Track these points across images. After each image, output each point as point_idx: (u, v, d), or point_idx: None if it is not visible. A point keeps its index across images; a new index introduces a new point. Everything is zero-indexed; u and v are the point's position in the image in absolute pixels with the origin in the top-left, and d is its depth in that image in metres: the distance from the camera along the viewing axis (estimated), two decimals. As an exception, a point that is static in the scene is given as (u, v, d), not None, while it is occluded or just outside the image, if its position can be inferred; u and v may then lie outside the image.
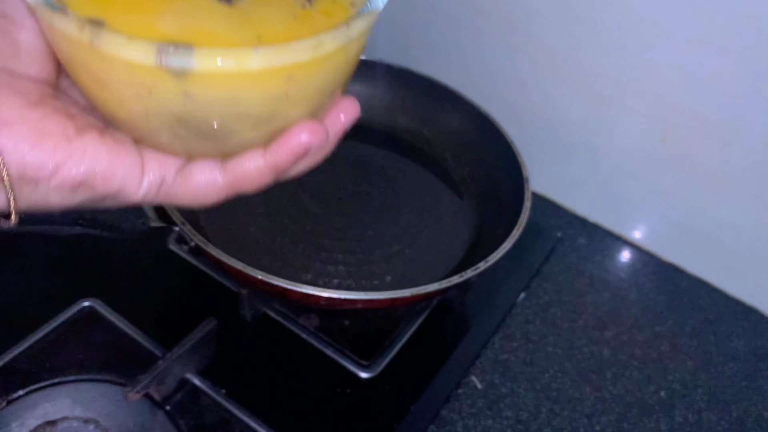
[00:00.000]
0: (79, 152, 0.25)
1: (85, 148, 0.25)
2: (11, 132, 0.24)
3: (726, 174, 0.64)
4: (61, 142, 0.24)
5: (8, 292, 0.56)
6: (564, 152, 0.74)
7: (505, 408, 0.56)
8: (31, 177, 0.24)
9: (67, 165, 0.25)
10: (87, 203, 0.26)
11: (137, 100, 0.23)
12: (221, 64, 0.21)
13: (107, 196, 0.26)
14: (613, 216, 0.75)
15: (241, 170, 0.27)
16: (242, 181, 0.27)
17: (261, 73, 0.22)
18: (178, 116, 0.24)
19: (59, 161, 0.24)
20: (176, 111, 0.23)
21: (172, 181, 0.27)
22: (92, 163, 0.25)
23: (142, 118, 0.24)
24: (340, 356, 0.55)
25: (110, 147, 0.26)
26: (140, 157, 0.26)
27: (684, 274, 0.72)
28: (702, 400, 0.60)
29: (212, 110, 0.24)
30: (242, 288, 0.54)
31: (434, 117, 0.72)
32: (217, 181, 0.27)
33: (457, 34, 0.75)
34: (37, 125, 0.24)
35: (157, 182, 0.27)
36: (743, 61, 0.58)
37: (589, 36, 0.65)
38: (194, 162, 0.27)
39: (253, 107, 0.24)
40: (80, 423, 0.47)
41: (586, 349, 0.62)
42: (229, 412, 0.50)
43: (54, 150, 0.24)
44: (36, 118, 0.24)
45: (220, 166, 0.27)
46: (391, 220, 0.64)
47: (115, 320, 0.54)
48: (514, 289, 0.66)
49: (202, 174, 0.27)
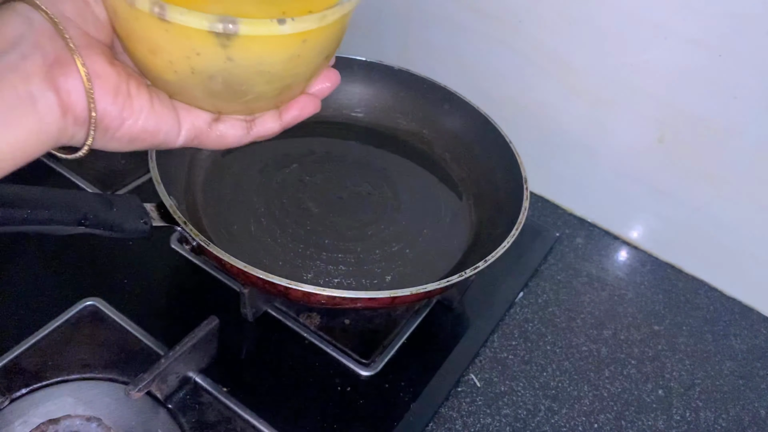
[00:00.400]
0: (137, 111, 0.31)
1: (141, 107, 0.31)
2: (100, 84, 0.29)
3: (723, 174, 0.65)
4: (128, 99, 0.31)
5: (12, 291, 0.56)
6: (562, 153, 0.75)
7: (503, 406, 0.56)
8: (106, 125, 0.30)
9: (129, 121, 0.31)
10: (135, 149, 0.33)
11: (186, 62, 0.30)
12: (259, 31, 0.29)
13: (152, 146, 0.33)
14: (610, 216, 0.76)
15: (262, 129, 0.36)
16: (261, 136, 0.37)
17: (286, 37, 0.30)
18: (216, 75, 0.31)
19: (126, 116, 0.31)
20: (216, 70, 0.30)
21: (205, 133, 0.34)
22: (145, 121, 0.31)
23: (187, 78, 0.31)
24: (341, 355, 0.56)
25: (156, 107, 0.32)
26: (177, 114, 0.33)
27: (681, 274, 0.73)
28: (699, 399, 0.60)
29: (243, 69, 0.31)
30: (244, 287, 0.54)
31: (434, 118, 0.72)
32: (243, 136, 0.36)
33: (457, 35, 0.75)
34: (115, 81, 0.30)
35: (192, 135, 0.34)
36: (740, 62, 0.58)
37: (587, 38, 0.66)
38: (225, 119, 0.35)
39: (274, 66, 0.31)
40: (83, 421, 0.47)
41: (584, 348, 0.63)
42: (231, 410, 0.51)
43: (124, 105, 0.30)
44: (114, 75, 0.30)
45: (246, 125, 0.36)
46: (391, 220, 0.64)
47: (118, 319, 0.55)
48: (512, 289, 0.66)
49: (233, 130, 0.35)
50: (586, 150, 0.73)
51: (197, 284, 0.60)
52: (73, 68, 0.29)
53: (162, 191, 0.51)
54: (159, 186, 0.51)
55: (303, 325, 0.58)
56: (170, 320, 0.57)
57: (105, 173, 0.69)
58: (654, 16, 0.60)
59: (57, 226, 0.44)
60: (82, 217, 0.45)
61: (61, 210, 0.44)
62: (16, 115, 0.27)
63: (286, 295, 0.50)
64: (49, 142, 0.29)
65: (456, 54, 0.77)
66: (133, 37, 0.31)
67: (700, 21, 0.58)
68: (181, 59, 0.30)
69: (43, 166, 0.67)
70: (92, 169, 0.69)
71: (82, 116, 0.30)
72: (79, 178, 0.67)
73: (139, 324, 0.55)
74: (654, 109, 0.65)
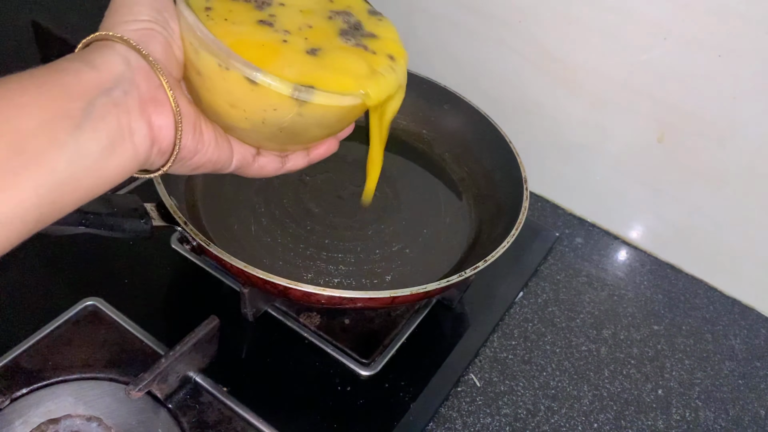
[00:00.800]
0: (206, 144, 0.37)
1: (209, 142, 0.37)
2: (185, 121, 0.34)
3: (722, 174, 0.65)
4: (201, 135, 0.36)
5: (12, 291, 0.56)
6: (562, 153, 0.75)
7: (503, 406, 0.56)
8: (182, 156, 0.35)
9: (200, 153, 0.36)
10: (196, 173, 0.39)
11: (261, 114, 0.36)
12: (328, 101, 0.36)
13: (209, 171, 0.39)
14: (610, 216, 0.76)
15: (293, 164, 0.44)
16: (290, 170, 0.44)
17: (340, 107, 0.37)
18: (285, 126, 0.37)
19: (198, 149, 0.36)
20: (285, 123, 0.36)
21: (249, 164, 0.41)
22: (211, 154, 0.37)
23: (257, 126, 0.37)
24: (341, 354, 0.56)
25: (219, 142, 0.38)
26: (231, 147, 0.39)
27: (681, 273, 0.73)
28: (699, 398, 0.60)
29: (306, 123, 0.37)
30: (244, 287, 0.54)
31: (433, 118, 0.72)
32: (279, 168, 0.43)
33: (456, 36, 0.75)
34: (194, 119, 0.35)
35: (239, 165, 0.40)
36: (739, 62, 0.58)
37: (586, 38, 0.66)
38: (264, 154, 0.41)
39: (331, 120, 0.39)
40: (83, 421, 0.47)
41: (584, 348, 0.63)
42: (231, 409, 0.51)
43: (198, 140, 0.36)
44: (193, 114, 0.35)
45: (281, 159, 0.43)
46: (391, 220, 0.64)
47: (118, 319, 0.55)
48: (512, 288, 0.66)
49: (272, 164, 0.42)
50: (586, 150, 0.73)
51: (197, 284, 0.60)
52: (166, 107, 0.33)
53: (162, 191, 0.51)
54: (159, 186, 0.51)
55: (303, 325, 0.58)
56: (170, 320, 0.57)
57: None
58: (654, 16, 0.60)
59: (57, 226, 0.44)
60: (82, 217, 0.45)
61: (61, 210, 0.44)
62: (120, 145, 0.31)
63: (286, 295, 0.50)
64: (136, 168, 0.33)
65: (456, 54, 0.77)
66: (215, 91, 0.35)
67: (700, 21, 0.58)
68: (258, 112, 0.35)
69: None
70: (92, 169, 0.69)
71: (166, 148, 0.34)
72: (79, 178, 0.67)
73: (139, 324, 0.55)
74: (654, 109, 0.65)
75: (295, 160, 0.44)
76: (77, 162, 0.30)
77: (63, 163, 0.29)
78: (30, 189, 0.28)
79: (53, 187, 0.29)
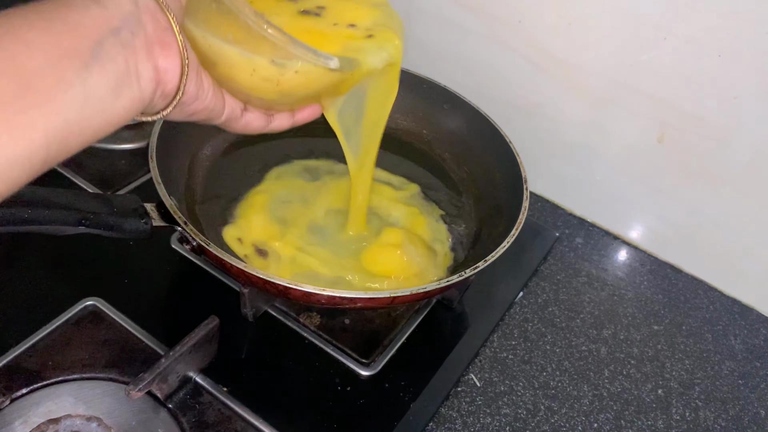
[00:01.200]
0: (206, 91, 0.37)
1: (208, 89, 0.38)
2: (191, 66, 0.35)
3: (722, 174, 0.65)
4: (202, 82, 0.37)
5: (12, 291, 0.56)
6: (562, 153, 0.75)
7: (503, 406, 0.56)
8: (183, 101, 0.36)
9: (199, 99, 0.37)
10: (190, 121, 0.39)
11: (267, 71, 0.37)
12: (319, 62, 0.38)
13: (201, 120, 0.40)
14: (610, 216, 0.76)
15: (277, 124, 0.45)
16: (275, 129, 0.45)
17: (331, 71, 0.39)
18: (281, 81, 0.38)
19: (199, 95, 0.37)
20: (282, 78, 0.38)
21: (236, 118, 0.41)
22: (209, 102, 0.38)
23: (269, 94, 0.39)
24: (341, 354, 0.56)
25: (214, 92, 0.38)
26: (224, 98, 0.40)
27: (681, 273, 0.73)
28: (699, 398, 0.60)
29: (309, 88, 0.40)
30: (244, 287, 0.54)
31: (434, 118, 0.72)
32: (263, 127, 0.44)
33: (457, 35, 0.75)
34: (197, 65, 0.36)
35: (228, 117, 0.41)
36: (739, 63, 0.58)
37: (586, 38, 0.66)
38: (251, 110, 0.42)
39: (322, 88, 0.41)
40: (83, 421, 0.47)
41: (584, 348, 0.63)
42: (231, 409, 0.51)
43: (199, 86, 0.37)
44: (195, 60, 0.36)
45: (267, 118, 0.44)
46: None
47: (118, 319, 0.55)
48: (512, 288, 0.66)
49: (257, 121, 0.43)
50: (586, 150, 0.73)
51: (197, 284, 0.60)
52: (173, 50, 0.33)
53: (162, 191, 0.51)
54: (159, 186, 0.51)
55: (303, 325, 0.58)
56: (170, 320, 0.57)
57: (105, 173, 0.69)
58: (654, 16, 0.60)
59: (57, 226, 0.44)
60: (83, 217, 0.45)
61: (61, 210, 0.44)
62: (127, 86, 0.31)
63: (286, 295, 0.50)
64: (140, 110, 0.34)
65: (456, 54, 0.77)
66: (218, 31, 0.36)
67: (700, 21, 0.58)
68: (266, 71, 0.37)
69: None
70: (92, 169, 0.69)
71: (170, 91, 0.35)
72: (79, 178, 0.67)
73: (139, 324, 0.55)
74: (654, 109, 0.65)
75: (281, 120, 0.45)
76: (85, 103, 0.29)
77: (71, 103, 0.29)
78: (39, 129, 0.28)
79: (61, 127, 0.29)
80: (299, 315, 0.58)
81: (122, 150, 0.72)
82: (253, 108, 0.42)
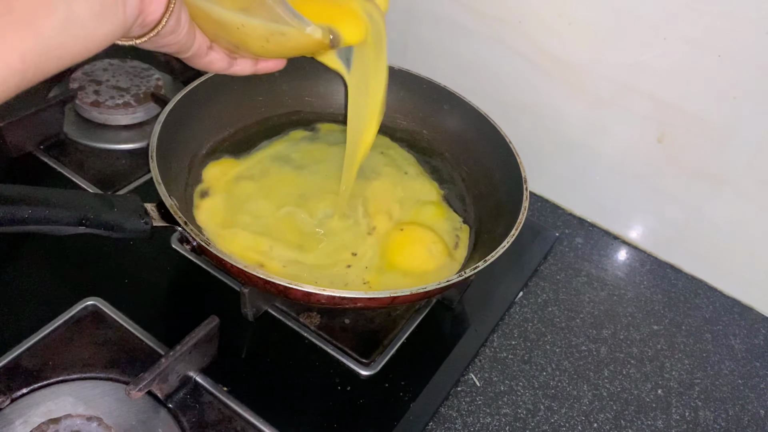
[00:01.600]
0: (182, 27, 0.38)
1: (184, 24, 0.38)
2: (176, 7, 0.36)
3: (723, 174, 0.65)
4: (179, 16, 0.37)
5: (13, 291, 0.56)
6: (562, 153, 0.75)
7: (503, 405, 0.56)
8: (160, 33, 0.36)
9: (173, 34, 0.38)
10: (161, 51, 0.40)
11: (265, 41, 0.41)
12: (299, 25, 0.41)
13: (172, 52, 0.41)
14: (610, 216, 0.76)
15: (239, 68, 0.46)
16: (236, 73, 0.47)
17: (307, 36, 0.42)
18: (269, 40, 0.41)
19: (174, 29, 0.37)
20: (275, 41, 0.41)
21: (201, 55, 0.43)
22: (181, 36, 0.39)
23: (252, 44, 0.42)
24: (341, 354, 0.56)
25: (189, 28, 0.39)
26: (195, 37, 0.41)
27: (681, 273, 0.73)
28: (699, 398, 0.60)
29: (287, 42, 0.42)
30: (244, 287, 0.54)
31: (433, 118, 0.72)
32: (225, 68, 0.45)
33: (456, 36, 0.75)
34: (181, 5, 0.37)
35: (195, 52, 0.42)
36: (739, 63, 0.58)
37: (586, 38, 0.66)
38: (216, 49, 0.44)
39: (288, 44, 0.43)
40: (83, 420, 0.47)
41: (583, 348, 0.63)
42: (231, 409, 0.51)
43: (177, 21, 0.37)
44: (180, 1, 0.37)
45: (230, 60, 0.45)
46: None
47: (118, 319, 0.55)
48: (512, 288, 0.66)
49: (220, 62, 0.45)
50: (586, 150, 0.73)
51: (197, 284, 0.60)
52: None
53: (162, 191, 0.51)
54: (159, 186, 0.51)
55: (303, 325, 0.58)
56: (170, 320, 0.57)
57: (105, 173, 0.69)
58: (654, 16, 0.60)
59: (57, 226, 0.44)
60: (83, 217, 0.45)
61: (61, 210, 0.44)
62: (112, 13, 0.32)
63: (286, 295, 0.50)
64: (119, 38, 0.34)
65: (456, 54, 0.77)
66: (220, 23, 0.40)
67: (700, 21, 0.58)
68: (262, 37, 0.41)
69: (44, 166, 0.67)
70: (92, 169, 0.69)
71: (150, 22, 0.35)
72: (79, 178, 0.67)
73: (140, 324, 0.55)
74: (654, 109, 0.65)
75: (243, 66, 0.46)
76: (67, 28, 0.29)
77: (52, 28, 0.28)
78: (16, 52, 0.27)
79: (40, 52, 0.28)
80: (299, 315, 0.58)
81: (122, 150, 0.72)
82: (218, 48, 0.43)
